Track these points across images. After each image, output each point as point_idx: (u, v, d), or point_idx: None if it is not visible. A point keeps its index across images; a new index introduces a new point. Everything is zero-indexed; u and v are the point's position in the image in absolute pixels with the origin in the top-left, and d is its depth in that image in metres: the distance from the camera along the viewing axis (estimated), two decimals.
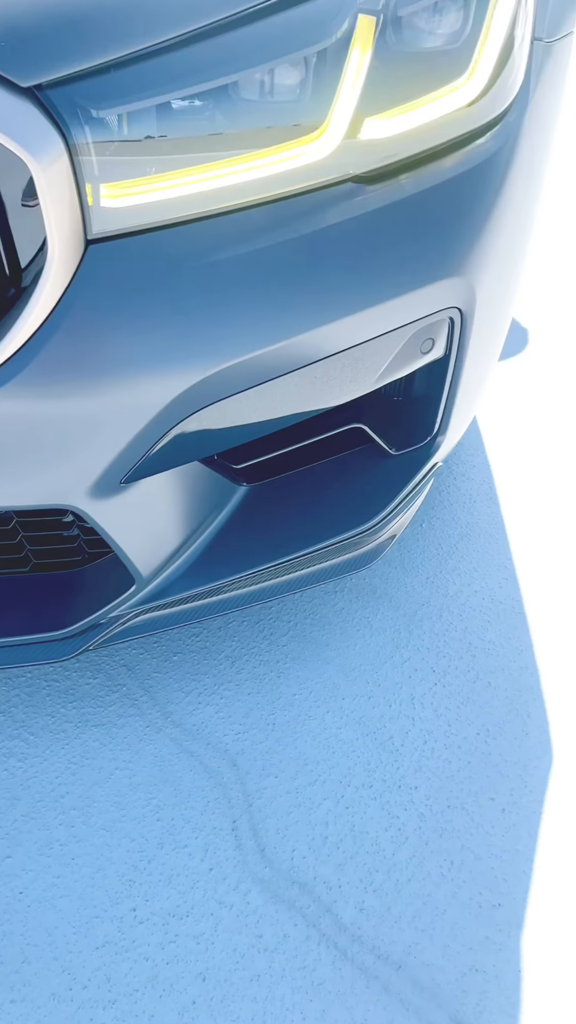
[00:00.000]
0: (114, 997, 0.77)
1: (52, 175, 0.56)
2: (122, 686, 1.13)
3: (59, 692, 1.10)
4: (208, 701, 1.11)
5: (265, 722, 1.09)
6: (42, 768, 1.00)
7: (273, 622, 1.26)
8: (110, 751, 1.03)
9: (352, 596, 1.31)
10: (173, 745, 1.04)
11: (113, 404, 0.69)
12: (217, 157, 0.64)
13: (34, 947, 0.80)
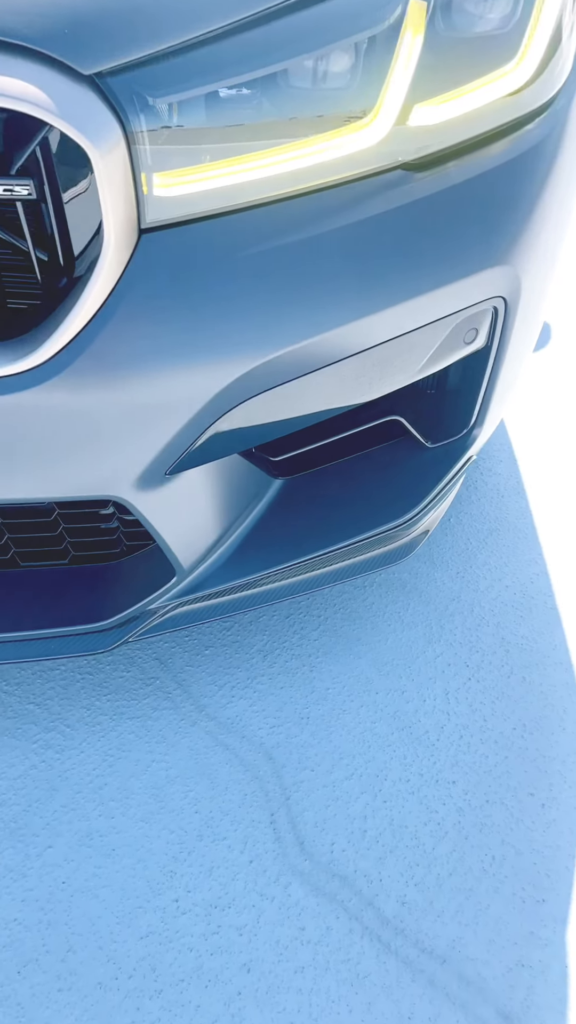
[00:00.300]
0: (160, 987, 0.77)
1: (110, 163, 0.56)
2: (155, 679, 1.13)
3: (93, 685, 1.11)
4: (241, 695, 1.11)
5: (299, 716, 1.09)
6: (79, 760, 1.00)
7: (303, 616, 1.26)
8: (146, 744, 1.03)
9: (382, 591, 1.31)
10: (208, 738, 1.04)
11: (162, 394, 0.69)
12: (268, 145, 0.64)
13: (79, 936, 0.81)
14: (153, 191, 0.61)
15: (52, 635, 0.90)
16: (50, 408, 0.67)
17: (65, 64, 0.52)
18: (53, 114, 0.52)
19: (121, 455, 0.72)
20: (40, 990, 0.77)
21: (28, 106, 0.52)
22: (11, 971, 0.78)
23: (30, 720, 1.04)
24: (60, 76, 0.53)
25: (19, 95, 0.52)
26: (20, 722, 1.04)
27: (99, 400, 0.68)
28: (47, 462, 0.71)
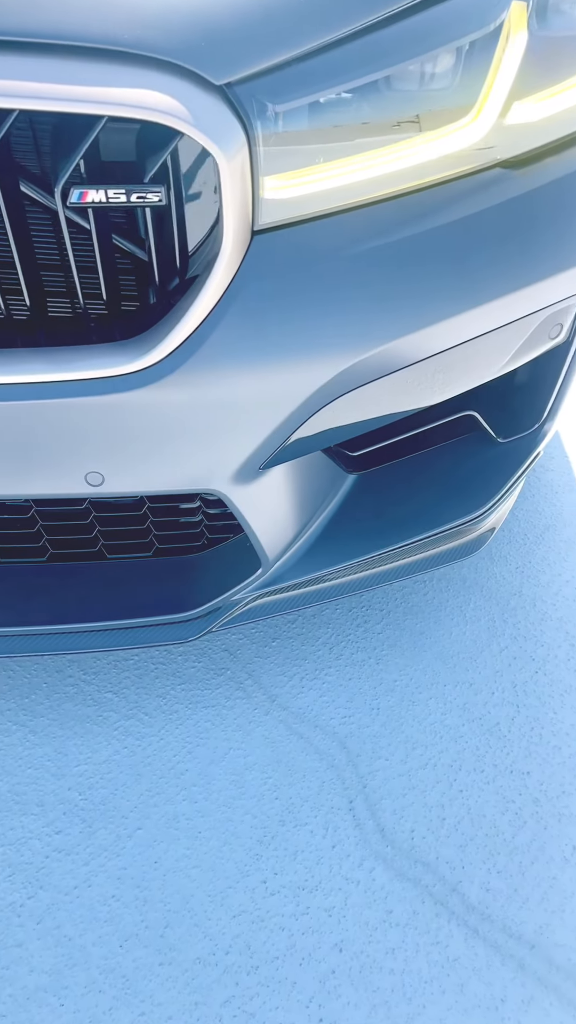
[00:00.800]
0: (256, 963, 0.80)
1: (233, 169, 0.59)
2: (226, 670, 1.16)
3: (167, 675, 1.14)
4: (311, 686, 1.14)
5: (369, 707, 1.11)
6: (160, 747, 1.03)
7: (366, 611, 1.28)
8: (222, 732, 1.06)
9: (442, 586, 1.32)
10: (282, 727, 1.07)
11: (266, 390, 0.71)
12: (373, 146, 0.66)
13: (174, 913, 0.84)
14: (265, 194, 0.64)
15: (141, 624, 0.93)
16: (161, 406, 0.69)
17: (198, 75, 0.55)
18: (189, 124, 0.55)
19: (222, 450, 0.75)
20: (143, 963, 0.80)
21: (165, 117, 0.55)
22: (114, 945, 0.82)
23: (110, 708, 1.08)
24: (193, 87, 0.55)
25: (157, 107, 0.54)
26: (100, 710, 1.07)
27: (207, 397, 0.70)
28: (153, 458, 0.74)
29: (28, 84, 0.53)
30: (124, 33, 0.52)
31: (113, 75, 0.55)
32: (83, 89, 0.54)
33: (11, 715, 1.05)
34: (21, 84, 0.53)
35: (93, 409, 0.69)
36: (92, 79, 0.54)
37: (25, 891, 0.85)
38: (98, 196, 0.57)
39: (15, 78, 0.54)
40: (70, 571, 0.97)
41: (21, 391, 0.67)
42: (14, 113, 0.54)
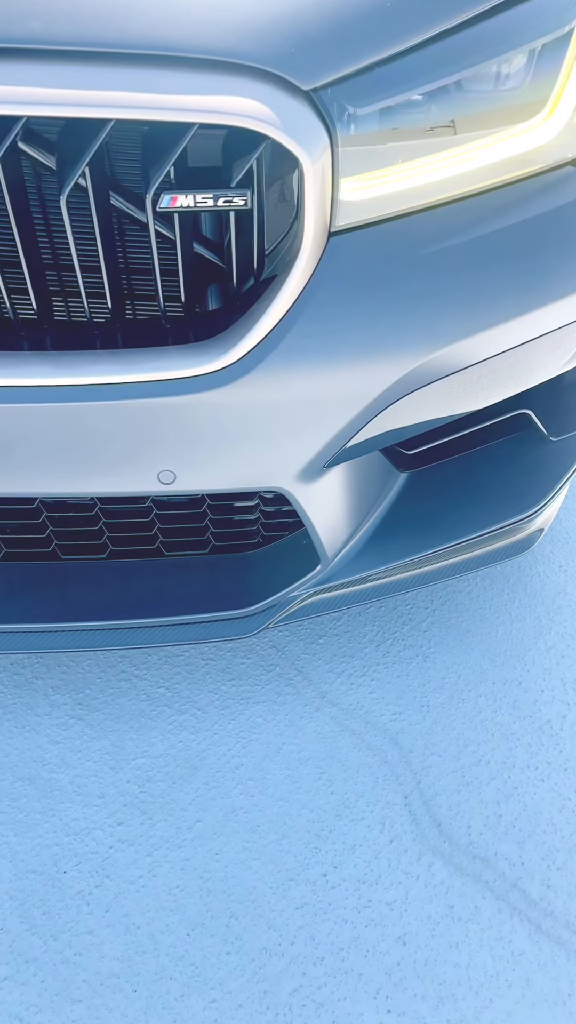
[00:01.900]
0: (322, 954, 0.81)
1: (316, 172, 0.60)
2: (275, 666, 1.17)
3: (217, 671, 1.16)
4: (360, 683, 1.15)
5: (419, 704, 1.11)
6: (214, 741, 1.05)
7: (411, 608, 1.28)
8: (275, 727, 1.07)
9: (486, 584, 1.32)
10: (334, 723, 1.08)
11: (336, 390, 0.72)
12: (447, 146, 0.66)
13: (238, 904, 0.85)
14: (342, 196, 0.65)
15: (200, 620, 0.95)
16: (235, 405, 0.71)
17: (287, 80, 0.56)
18: (278, 129, 0.56)
19: (290, 448, 0.76)
20: (210, 952, 0.82)
21: (255, 123, 0.56)
22: (181, 933, 0.83)
23: (163, 703, 1.10)
24: (281, 92, 0.57)
25: (247, 113, 0.56)
26: (154, 705, 1.09)
27: (279, 397, 0.72)
28: (224, 456, 0.75)
29: (124, 94, 0.55)
30: (217, 42, 0.54)
31: (203, 83, 0.56)
32: (177, 98, 0.55)
33: (67, 709, 1.08)
34: (117, 95, 0.55)
35: (169, 409, 0.70)
36: (183, 88, 0.56)
37: (92, 880, 0.87)
38: (187, 201, 0.59)
39: (110, 89, 0.55)
40: (129, 568, 0.99)
41: (100, 392, 0.69)
42: (111, 123, 0.56)
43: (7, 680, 1.11)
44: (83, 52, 0.54)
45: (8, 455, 0.72)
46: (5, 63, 0.53)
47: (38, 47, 0.53)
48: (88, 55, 0.55)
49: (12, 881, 0.86)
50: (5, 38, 0.52)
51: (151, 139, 0.61)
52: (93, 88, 0.55)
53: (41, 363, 0.69)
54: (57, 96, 0.54)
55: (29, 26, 0.51)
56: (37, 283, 0.66)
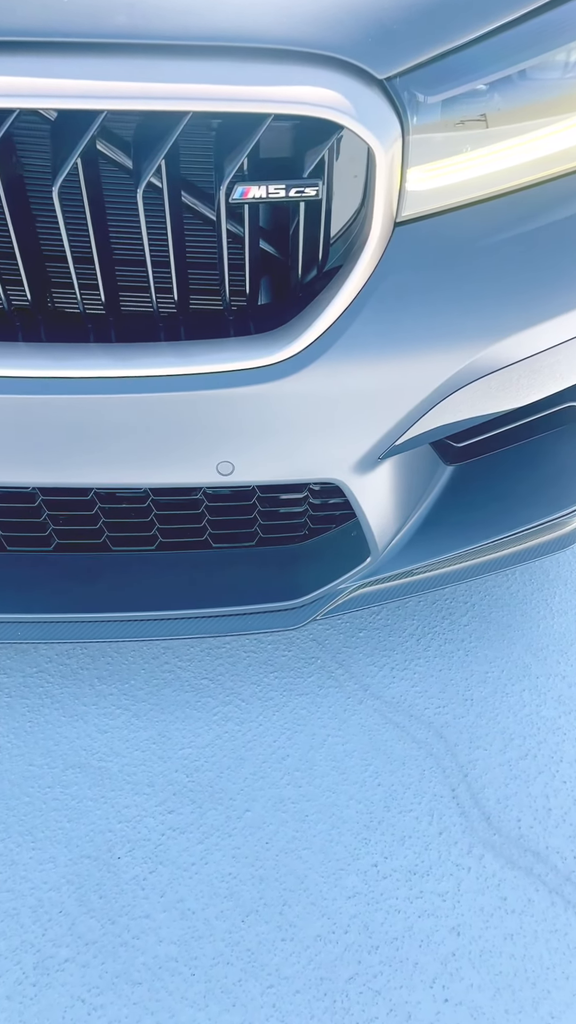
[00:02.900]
0: (376, 943, 0.82)
1: (387, 161, 0.60)
2: (316, 659, 1.18)
3: (259, 663, 1.17)
4: (402, 676, 1.15)
5: (462, 697, 1.11)
6: (259, 732, 1.06)
7: (450, 603, 1.28)
8: (319, 719, 1.08)
9: (525, 579, 1.31)
10: (377, 716, 1.08)
11: (397, 381, 0.73)
12: (515, 133, 0.66)
13: (291, 892, 0.86)
14: (409, 185, 0.65)
15: (249, 612, 0.96)
16: (296, 396, 0.71)
17: (362, 69, 0.56)
18: (353, 119, 0.56)
19: (348, 440, 0.76)
20: (265, 939, 0.83)
21: (331, 112, 0.56)
22: (236, 920, 0.84)
23: (207, 694, 1.11)
24: (355, 81, 0.57)
25: (323, 103, 0.56)
26: (198, 695, 1.10)
27: (340, 388, 0.72)
28: (283, 447, 0.76)
29: (201, 87, 0.55)
30: (296, 32, 0.54)
31: (279, 73, 0.57)
32: (254, 89, 0.56)
33: (114, 699, 1.09)
34: (195, 87, 0.56)
35: (232, 400, 0.71)
36: (259, 79, 0.57)
37: (146, 866, 0.88)
38: (259, 192, 0.59)
39: (188, 82, 0.56)
40: (177, 560, 1.00)
41: (163, 383, 0.70)
42: (187, 116, 0.57)
43: (53, 671, 1.13)
44: (161, 46, 0.55)
45: (72, 446, 0.73)
46: (88, 58, 0.54)
47: (121, 41, 0.54)
48: (165, 48, 0.56)
49: (68, 866, 0.88)
50: (91, 33, 0.53)
51: (223, 131, 0.61)
52: (171, 81, 0.56)
53: (106, 355, 0.70)
54: (137, 90, 0.55)
55: (115, 21, 0.52)
56: (107, 278, 0.67)
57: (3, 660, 1.13)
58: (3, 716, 1.05)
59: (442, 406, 0.78)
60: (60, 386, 0.68)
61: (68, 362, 0.68)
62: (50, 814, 0.93)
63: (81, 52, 0.54)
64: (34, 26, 0.52)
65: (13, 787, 0.96)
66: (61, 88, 0.54)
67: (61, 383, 0.68)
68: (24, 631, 0.93)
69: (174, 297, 0.68)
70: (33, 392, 0.69)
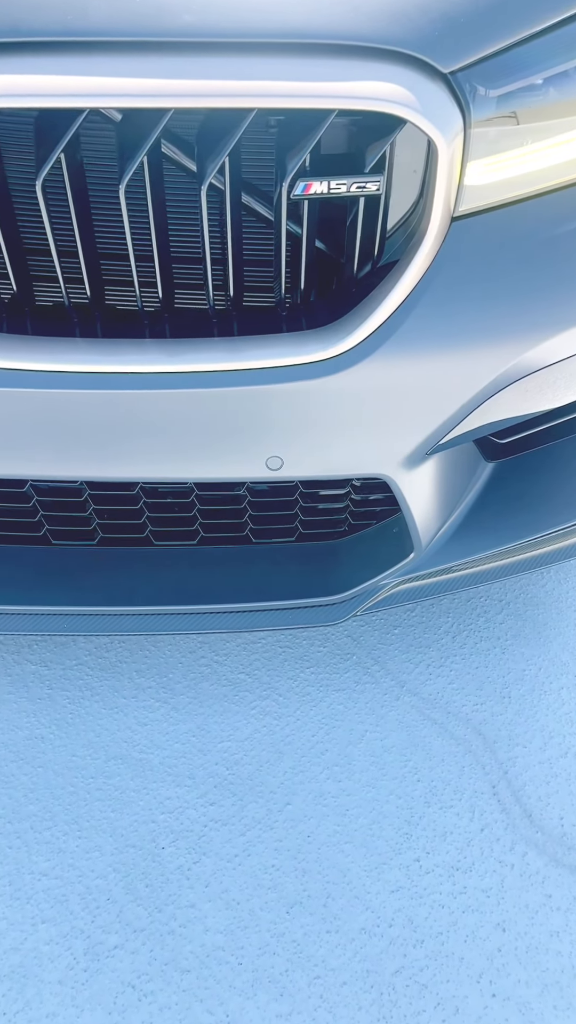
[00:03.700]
0: (421, 937, 0.82)
1: (448, 156, 0.60)
2: (352, 655, 1.18)
3: (295, 658, 1.17)
4: (439, 673, 1.15)
5: (500, 695, 1.11)
6: (297, 727, 1.06)
7: (484, 601, 1.28)
8: (356, 714, 1.08)
9: (560, 577, 1.30)
10: (415, 712, 1.08)
11: (450, 376, 0.73)
12: (566, 128, 0.66)
13: (334, 885, 0.87)
14: (466, 180, 0.65)
15: (289, 607, 0.96)
16: (348, 392, 0.72)
17: (427, 63, 0.56)
18: (418, 113, 0.56)
19: (398, 435, 0.77)
20: (310, 930, 0.83)
21: (396, 107, 0.56)
22: (280, 911, 0.85)
23: (244, 688, 1.12)
24: (420, 75, 0.57)
25: (388, 98, 0.56)
26: (236, 690, 1.11)
27: (392, 383, 0.72)
28: (332, 443, 0.76)
29: (265, 83, 0.56)
30: (363, 27, 0.55)
31: (343, 69, 0.57)
32: (319, 85, 0.56)
33: (153, 692, 1.10)
34: (258, 84, 0.56)
35: (284, 395, 0.71)
36: (324, 74, 0.57)
37: (190, 856, 0.90)
38: (321, 188, 0.60)
39: (251, 78, 0.57)
40: (218, 555, 1.01)
41: (216, 379, 0.71)
42: (252, 113, 0.58)
43: (92, 663, 1.14)
44: (227, 43, 0.56)
45: (125, 441, 0.74)
46: (156, 57, 0.55)
47: (188, 40, 0.55)
48: (231, 46, 0.56)
49: (114, 854, 0.89)
50: (159, 32, 0.53)
51: (283, 128, 0.62)
52: (237, 78, 0.56)
53: (160, 351, 0.71)
54: (205, 88, 0.56)
55: (183, 19, 0.53)
56: (165, 275, 0.68)
57: (43, 653, 1.15)
58: (45, 708, 1.06)
59: (492, 402, 0.78)
60: (116, 381, 0.69)
61: (124, 357, 0.69)
62: (94, 804, 0.95)
63: (149, 51, 0.55)
64: (104, 27, 0.53)
65: (58, 777, 0.98)
66: (130, 87, 0.55)
67: (118, 378, 0.69)
68: (70, 623, 0.95)
69: (230, 294, 0.69)
70: (89, 387, 0.70)
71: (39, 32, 0.53)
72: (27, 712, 1.06)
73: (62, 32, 0.53)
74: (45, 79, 0.53)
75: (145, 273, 0.68)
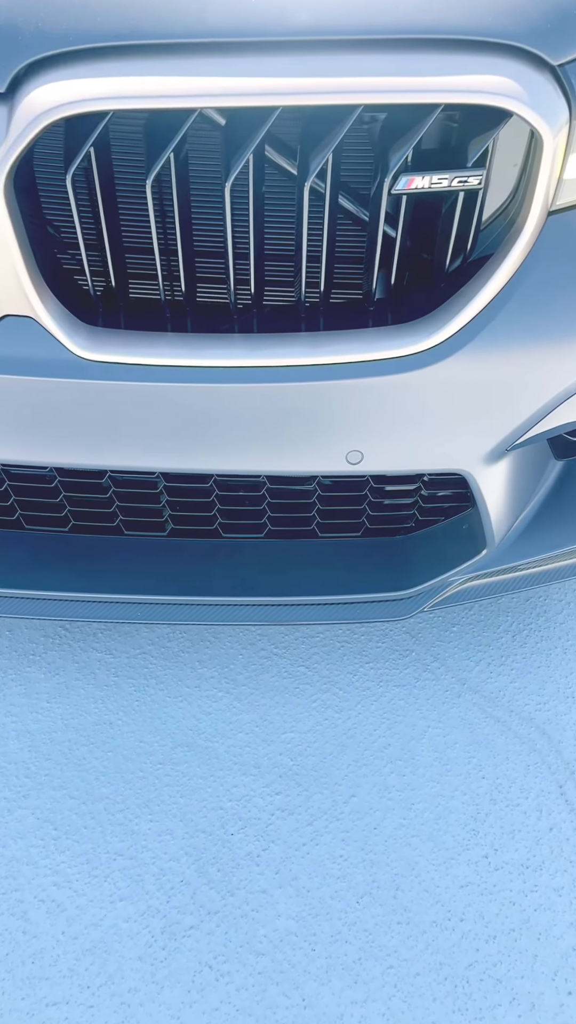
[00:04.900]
0: (493, 933, 0.82)
1: (553, 148, 0.60)
2: (411, 651, 1.18)
3: (353, 653, 1.18)
4: (499, 671, 1.14)
5: (563, 695, 1.10)
6: (359, 721, 1.07)
7: (543, 600, 1.26)
8: (418, 710, 1.08)
9: None
10: (477, 710, 1.08)
11: (537, 371, 0.72)
12: None
13: (402, 877, 0.88)
14: (565, 173, 0.64)
15: (358, 601, 0.97)
16: (434, 386, 0.72)
17: (536, 56, 0.56)
18: (526, 106, 0.56)
19: (482, 431, 0.77)
20: (381, 921, 0.84)
21: (505, 100, 0.56)
22: (351, 900, 0.86)
23: (304, 681, 1.13)
24: (528, 68, 0.57)
25: (496, 91, 0.56)
26: (296, 682, 1.13)
27: (479, 377, 0.72)
28: (414, 437, 0.77)
29: (372, 79, 0.56)
30: (474, 21, 0.55)
31: (451, 63, 0.57)
32: (427, 79, 0.56)
33: (215, 682, 1.13)
34: (366, 80, 0.57)
35: (370, 389, 0.72)
36: (431, 69, 0.57)
37: (259, 843, 0.91)
38: (423, 183, 0.60)
39: (357, 75, 0.57)
40: (285, 548, 1.02)
41: (303, 373, 0.72)
42: (358, 109, 0.58)
43: (155, 652, 1.17)
44: (338, 41, 0.56)
45: (208, 434, 0.76)
46: (266, 56, 0.56)
47: (302, 39, 0.55)
48: (340, 44, 0.57)
49: (185, 839, 0.91)
50: (275, 31, 0.54)
51: (384, 124, 0.62)
52: (345, 75, 0.57)
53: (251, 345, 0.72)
54: (314, 85, 0.57)
55: (299, 19, 0.54)
56: (258, 272, 0.69)
57: (108, 641, 1.18)
58: (112, 694, 1.09)
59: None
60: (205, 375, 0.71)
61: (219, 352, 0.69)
62: (163, 789, 0.97)
63: (259, 51, 0.56)
64: (221, 28, 0.54)
65: (127, 761, 1.01)
66: (242, 87, 0.56)
67: (208, 372, 0.70)
68: (144, 612, 0.97)
69: (320, 289, 0.70)
70: (177, 381, 0.71)
71: (158, 35, 0.54)
72: (95, 698, 1.09)
73: (180, 34, 0.54)
74: (163, 81, 0.55)
75: (240, 270, 0.69)
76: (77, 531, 0.99)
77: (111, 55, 0.55)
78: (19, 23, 0.53)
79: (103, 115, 0.58)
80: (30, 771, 0.98)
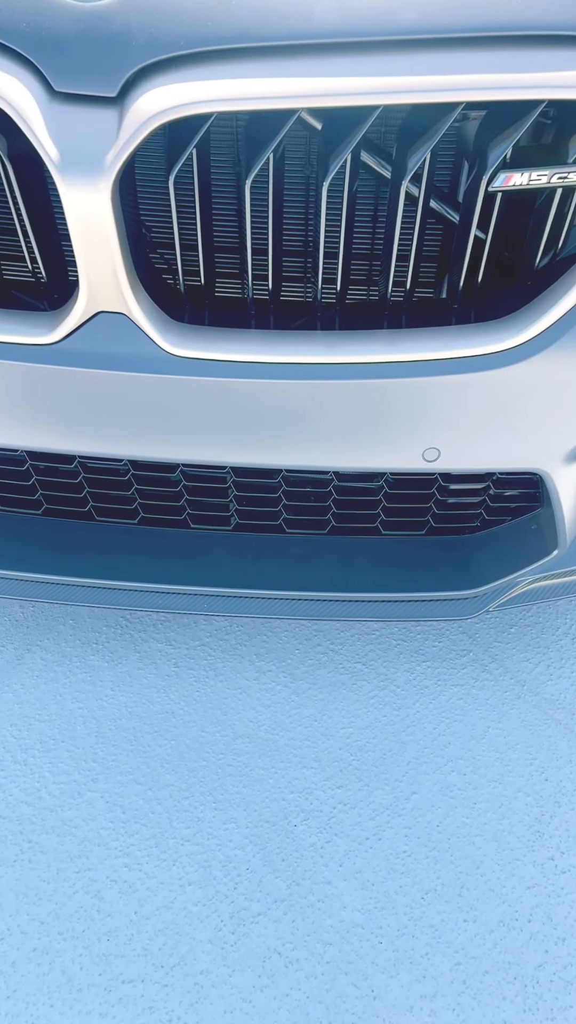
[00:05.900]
0: (562, 935, 0.82)
1: None
2: (468, 652, 1.18)
3: (410, 651, 1.18)
4: (559, 673, 1.13)
5: None
6: (417, 718, 1.08)
7: None
8: (476, 710, 1.08)
9: None
10: (537, 712, 1.07)
11: None
12: None
13: (467, 876, 0.88)
14: None
15: (419, 599, 0.97)
16: (517, 384, 0.72)
17: None
18: None
19: (563, 430, 0.76)
20: (448, 918, 0.85)
21: None
22: (416, 896, 0.87)
23: (361, 678, 1.14)
24: None
25: None
26: (353, 678, 1.13)
27: (564, 377, 0.72)
28: (492, 435, 0.76)
29: (475, 77, 0.57)
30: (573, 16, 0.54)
31: (551, 59, 0.57)
32: (529, 76, 0.56)
33: (273, 676, 1.14)
34: (468, 78, 0.57)
35: (452, 387, 0.72)
36: (534, 65, 0.57)
37: (322, 836, 0.92)
38: (522, 180, 0.60)
39: (459, 72, 0.57)
40: (349, 544, 1.03)
41: (386, 370, 0.72)
42: (459, 107, 0.58)
43: (214, 644, 1.19)
44: (441, 40, 0.57)
45: (288, 430, 0.77)
46: (365, 56, 0.57)
47: (402, 38, 0.56)
48: (443, 42, 0.57)
49: (249, 828, 0.93)
50: (382, 31, 0.55)
51: (486, 120, 0.62)
52: (447, 73, 0.57)
53: (331, 342, 0.73)
54: (417, 84, 0.57)
55: (405, 17, 0.54)
56: (346, 271, 0.70)
57: (168, 632, 1.20)
58: (173, 684, 1.12)
59: None
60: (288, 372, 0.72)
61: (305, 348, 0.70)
62: (226, 779, 0.99)
63: (362, 51, 0.56)
64: (327, 29, 0.55)
65: (190, 751, 1.03)
66: (344, 87, 0.56)
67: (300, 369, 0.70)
68: (209, 604, 0.99)
69: (405, 288, 0.70)
70: (256, 377, 0.73)
71: (264, 38, 0.55)
72: (157, 688, 1.12)
73: (285, 36, 0.55)
74: (269, 82, 0.56)
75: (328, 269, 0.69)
76: (145, 523, 1.02)
77: (216, 58, 0.56)
78: (133, 29, 0.55)
79: (206, 117, 0.59)
80: (98, 756, 1.01)
